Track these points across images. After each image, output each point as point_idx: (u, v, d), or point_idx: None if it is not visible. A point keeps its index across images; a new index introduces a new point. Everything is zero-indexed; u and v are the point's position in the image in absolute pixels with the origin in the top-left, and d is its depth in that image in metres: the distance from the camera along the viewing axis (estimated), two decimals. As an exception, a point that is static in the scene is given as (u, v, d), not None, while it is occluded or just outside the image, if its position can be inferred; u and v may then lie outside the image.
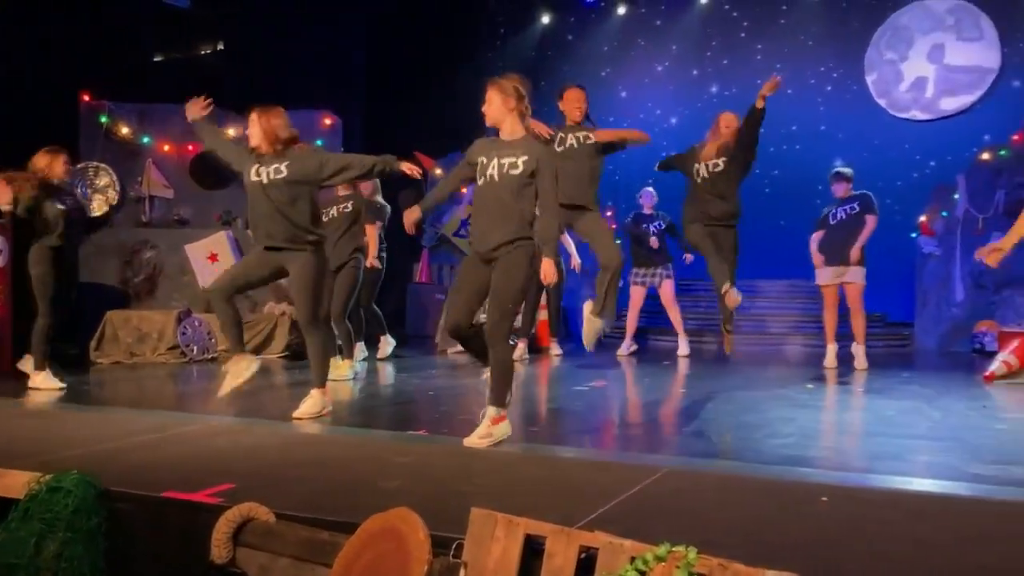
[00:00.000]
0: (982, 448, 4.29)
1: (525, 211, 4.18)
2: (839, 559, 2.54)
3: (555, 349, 8.99)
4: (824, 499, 3.17)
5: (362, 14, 12.32)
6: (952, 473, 3.77)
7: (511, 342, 5.21)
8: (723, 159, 6.50)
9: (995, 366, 6.95)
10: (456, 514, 2.80)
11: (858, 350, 7.63)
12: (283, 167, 4.98)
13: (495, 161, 4.22)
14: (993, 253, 4.80)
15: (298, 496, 3.24)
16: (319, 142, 9.36)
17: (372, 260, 7.49)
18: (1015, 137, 9.87)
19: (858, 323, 7.63)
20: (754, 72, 12.92)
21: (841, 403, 6.11)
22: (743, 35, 13.04)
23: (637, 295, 9.15)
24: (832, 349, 7.71)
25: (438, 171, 11.90)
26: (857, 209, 7.53)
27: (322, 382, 5.15)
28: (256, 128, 5.01)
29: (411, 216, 4.66)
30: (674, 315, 9.03)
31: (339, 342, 6.79)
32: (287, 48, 11.00)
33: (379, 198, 8.01)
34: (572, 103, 6.16)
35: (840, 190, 7.70)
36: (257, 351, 8.38)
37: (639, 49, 13.54)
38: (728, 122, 6.67)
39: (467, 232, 11.23)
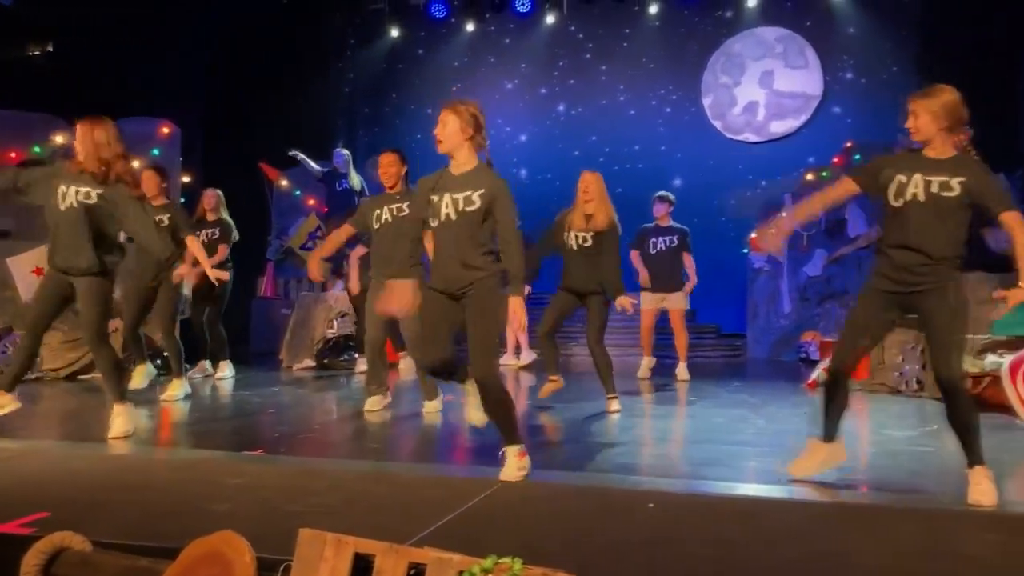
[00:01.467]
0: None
1: (487, 245, 3.84)
2: (657, 562, 2.65)
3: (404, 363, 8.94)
4: (651, 505, 3.30)
5: (205, 21, 11.92)
6: (771, 477, 4.00)
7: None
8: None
9: (816, 374, 7.41)
10: (288, 536, 2.74)
11: (681, 368, 8.02)
12: (94, 194, 4.64)
13: (447, 198, 3.80)
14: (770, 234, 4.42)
15: (119, 523, 3.08)
16: (155, 151, 8.98)
17: (210, 271, 7.25)
18: (835, 159, 10.59)
19: (681, 343, 8.03)
20: (600, 92, 13.39)
21: (674, 412, 6.36)
22: (588, 56, 13.45)
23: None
24: (646, 362, 8.05)
25: (283, 183, 11.65)
26: (676, 243, 7.97)
27: (121, 397, 4.88)
28: (80, 143, 4.70)
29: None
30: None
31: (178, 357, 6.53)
32: (124, 54, 10.50)
33: (225, 214, 7.74)
34: (383, 168, 5.81)
35: (660, 212, 8.06)
36: (85, 371, 7.95)
37: (489, 66, 13.74)
38: (586, 187, 6.15)
39: (314, 245, 11.06)
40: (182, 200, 8.73)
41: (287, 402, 6.64)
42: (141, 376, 6.58)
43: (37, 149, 9.07)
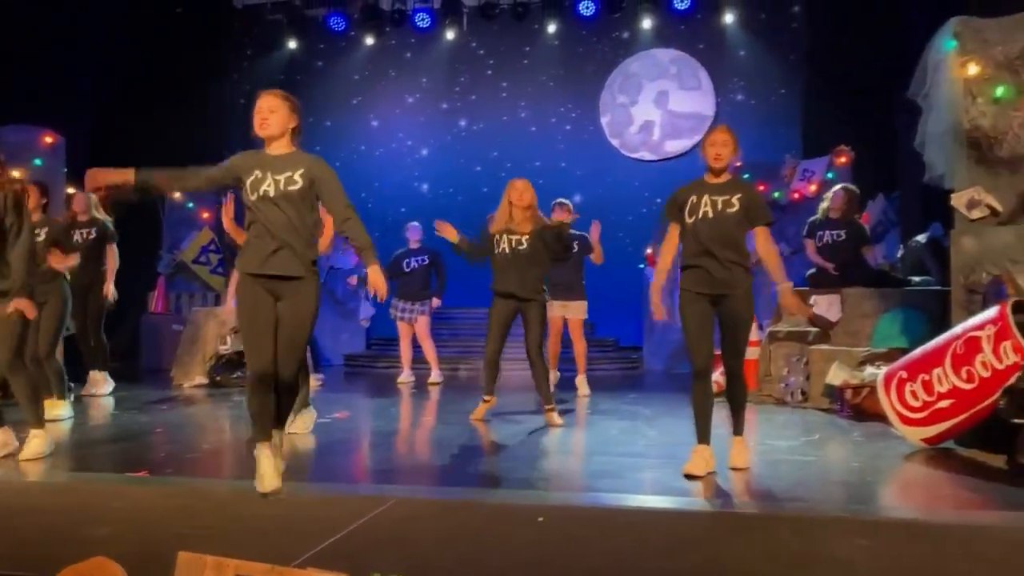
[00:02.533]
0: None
1: (311, 228, 3.89)
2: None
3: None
4: (541, 519, 3.33)
5: (95, 28, 11.51)
6: (661, 488, 4.10)
7: None
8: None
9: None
10: (168, 560, 2.66)
11: (581, 380, 8.07)
12: None
13: (269, 177, 3.79)
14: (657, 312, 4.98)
15: (-11, 551, 2.94)
16: (37, 161, 8.60)
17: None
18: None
19: (580, 351, 8.11)
20: (501, 108, 13.50)
21: (570, 425, 6.43)
22: (490, 72, 13.55)
23: (403, 328, 9.13)
24: (554, 375, 8.15)
25: (176, 195, 11.33)
26: (576, 249, 8.05)
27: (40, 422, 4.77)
28: None
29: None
30: (427, 348, 9.12)
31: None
32: (4, 60, 10.05)
33: (98, 213, 7.53)
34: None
35: (561, 218, 8.14)
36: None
37: (389, 79, 13.70)
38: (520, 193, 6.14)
39: (208, 260, 10.79)
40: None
41: (176, 421, 6.44)
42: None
43: None
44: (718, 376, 7.63)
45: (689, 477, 4.22)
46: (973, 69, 5.37)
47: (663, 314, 4.79)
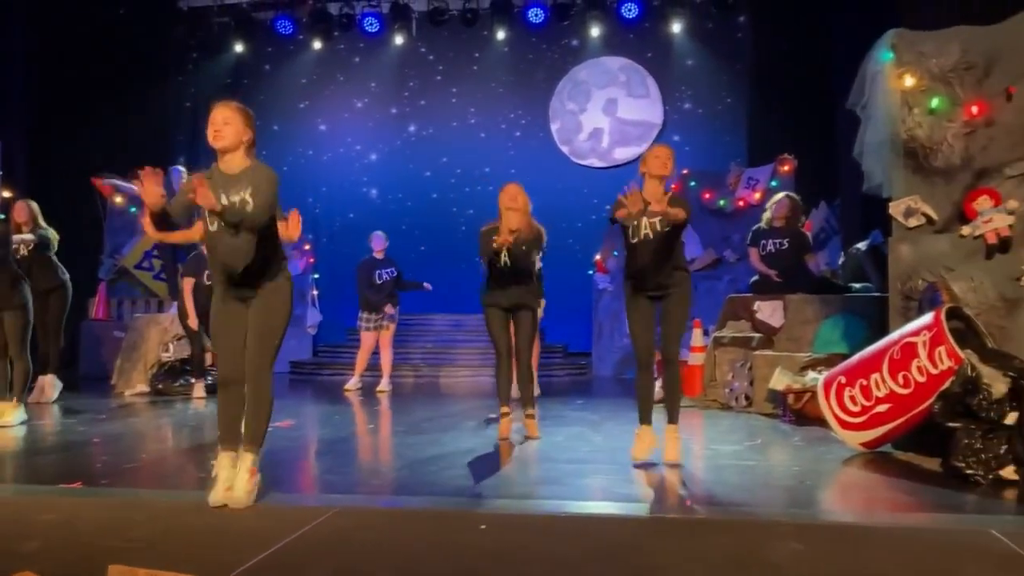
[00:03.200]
0: (630, 470, 4.71)
1: (269, 245, 3.81)
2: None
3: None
4: (483, 527, 3.32)
5: (35, 28, 11.25)
6: (604, 494, 4.11)
7: None
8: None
9: (656, 391, 7.67)
10: (99, 574, 2.61)
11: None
12: None
13: (223, 200, 3.68)
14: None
15: (-93, 569, 2.84)
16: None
17: None
18: (673, 186, 11.02)
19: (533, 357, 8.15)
20: (450, 114, 13.49)
21: (517, 432, 6.43)
22: (439, 78, 13.54)
23: (369, 339, 9.06)
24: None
25: (118, 199, 11.12)
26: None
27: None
28: None
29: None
30: (386, 357, 9.07)
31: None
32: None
33: (42, 223, 7.42)
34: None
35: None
36: None
37: (338, 84, 13.62)
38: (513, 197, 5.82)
39: (151, 265, 10.60)
40: (1, 216, 8.19)
41: (115, 430, 6.30)
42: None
43: None
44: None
45: (638, 466, 4.67)
46: (909, 81, 5.49)
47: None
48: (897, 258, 5.51)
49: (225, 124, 3.76)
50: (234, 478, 3.72)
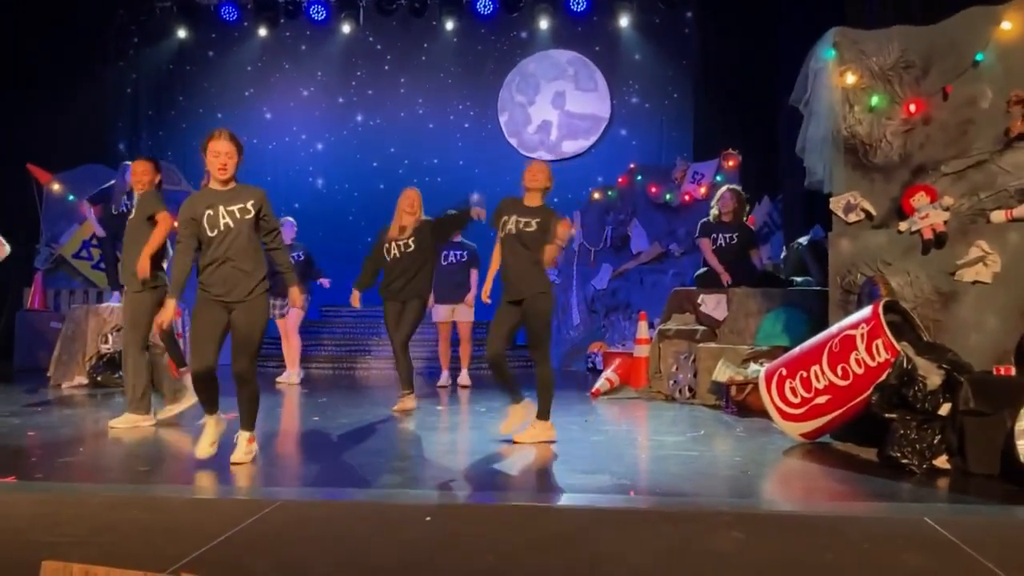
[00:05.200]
0: (578, 458, 4.74)
1: (260, 251, 4.48)
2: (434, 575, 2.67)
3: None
4: (428, 519, 3.31)
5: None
6: (547, 484, 4.13)
7: None
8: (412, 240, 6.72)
9: (600, 383, 7.75)
10: (32, 569, 2.52)
11: (464, 374, 8.63)
12: None
13: (220, 209, 4.31)
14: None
15: None
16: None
17: None
18: (621, 179, 11.12)
19: (466, 352, 8.63)
20: (399, 104, 13.40)
21: (461, 424, 6.43)
22: (387, 67, 13.44)
23: (281, 325, 8.94)
24: (445, 373, 8.59)
25: (56, 186, 10.82)
26: (465, 258, 8.29)
27: None
28: None
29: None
30: (289, 344, 8.97)
31: None
32: None
33: None
34: (136, 175, 5.98)
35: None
36: None
37: (284, 72, 13.44)
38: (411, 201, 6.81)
39: (89, 254, 10.35)
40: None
41: (52, 422, 6.13)
42: None
43: None
44: (610, 373, 7.79)
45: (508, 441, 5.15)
46: (851, 78, 5.60)
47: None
48: (837, 252, 5.62)
49: (230, 158, 4.34)
50: (216, 435, 4.50)
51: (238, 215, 4.31)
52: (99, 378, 8.14)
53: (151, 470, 4.60)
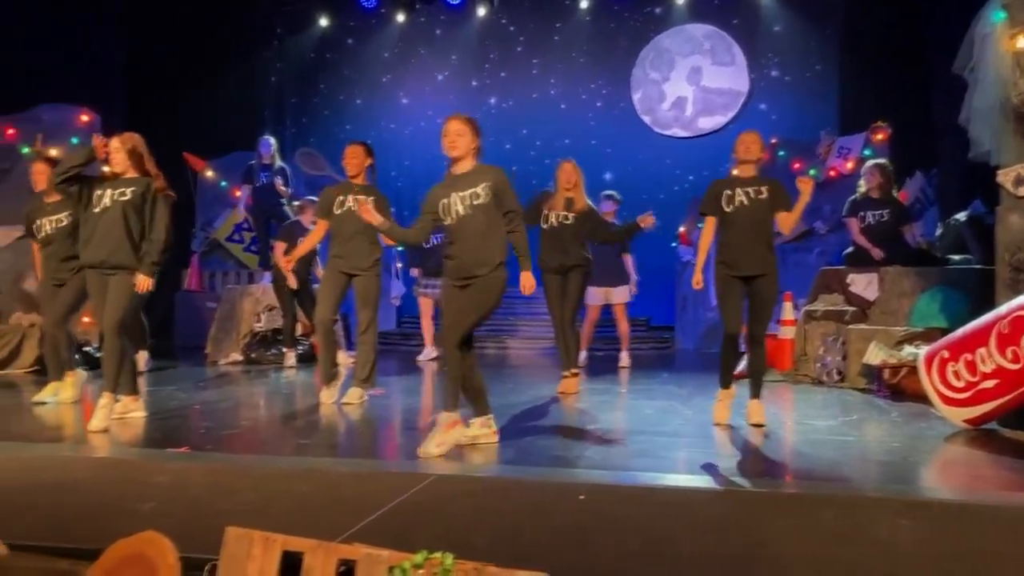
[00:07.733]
0: (724, 443, 4.66)
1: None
2: (587, 554, 2.67)
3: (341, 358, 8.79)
4: (582, 497, 3.32)
5: (128, 6, 11.57)
6: (698, 467, 4.07)
7: None
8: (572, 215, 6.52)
9: (743, 365, 7.55)
10: (214, 534, 2.68)
11: (623, 355, 8.58)
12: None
13: (455, 196, 4.43)
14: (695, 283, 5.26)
15: (38, 523, 2.99)
16: (74, 140, 8.69)
17: None
18: (762, 155, 10.76)
19: (624, 332, 8.61)
20: (531, 86, 13.41)
21: (606, 404, 6.40)
22: (520, 49, 13.46)
23: (426, 304, 9.15)
24: (584, 353, 8.35)
25: (209, 173, 11.40)
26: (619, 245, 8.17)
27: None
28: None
29: None
30: (428, 324, 9.14)
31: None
32: (40, 38, 10.12)
33: None
34: (347, 159, 6.08)
35: (606, 210, 8.15)
36: (3, 365, 7.70)
37: (420, 57, 13.64)
38: (568, 176, 6.63)
39: (241, 238, 10.86)
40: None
41: (213, 398, 6.51)
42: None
43: None
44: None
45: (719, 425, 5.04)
46: (1022, 43, 5.23)
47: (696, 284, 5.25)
48: (1006, 229, 5.28)
49: (459, 136, 4.36)
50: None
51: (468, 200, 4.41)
52: (253, 355, 8.56)
53: (310, 443, 4.81)
